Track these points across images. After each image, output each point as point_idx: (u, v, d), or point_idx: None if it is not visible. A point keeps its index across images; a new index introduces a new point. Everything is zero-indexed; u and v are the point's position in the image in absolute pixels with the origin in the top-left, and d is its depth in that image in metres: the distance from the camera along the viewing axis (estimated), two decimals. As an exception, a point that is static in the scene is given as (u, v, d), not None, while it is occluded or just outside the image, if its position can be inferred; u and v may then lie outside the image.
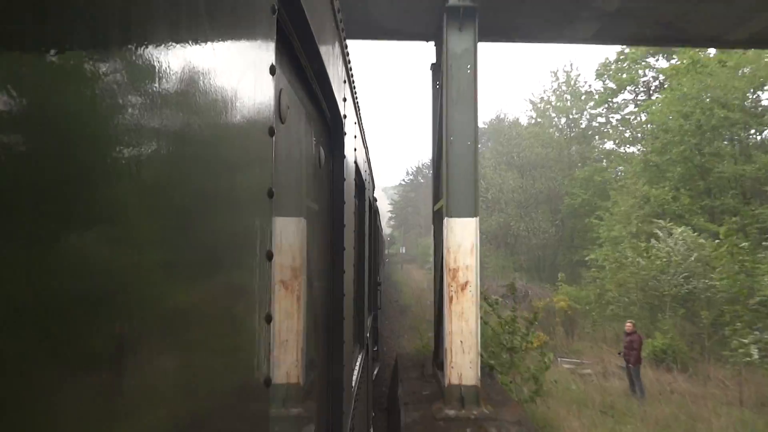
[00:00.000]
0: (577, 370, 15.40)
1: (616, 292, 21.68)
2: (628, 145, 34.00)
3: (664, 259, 19.43)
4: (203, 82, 0.66)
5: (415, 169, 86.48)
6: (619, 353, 14.19)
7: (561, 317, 21.98)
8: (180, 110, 0.60)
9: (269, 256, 0.98)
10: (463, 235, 8.08)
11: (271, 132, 1.00)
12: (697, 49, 22.98)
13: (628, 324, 14.21)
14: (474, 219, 8.19)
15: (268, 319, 0.96)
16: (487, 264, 34.21)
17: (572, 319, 22.34)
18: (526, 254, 37.19)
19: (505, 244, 39.20)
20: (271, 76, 1.01)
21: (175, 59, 0.57)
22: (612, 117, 36.12)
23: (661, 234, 20.38)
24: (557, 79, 39.20)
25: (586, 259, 27.66)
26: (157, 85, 0.53)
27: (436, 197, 10.27)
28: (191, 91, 0.62)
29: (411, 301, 30.64)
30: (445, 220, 8.26)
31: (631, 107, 34.75)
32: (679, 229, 20.05)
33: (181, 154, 0.61)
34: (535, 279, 33.22)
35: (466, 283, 8.04)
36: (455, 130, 8.43)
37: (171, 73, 0.56)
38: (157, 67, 0.53)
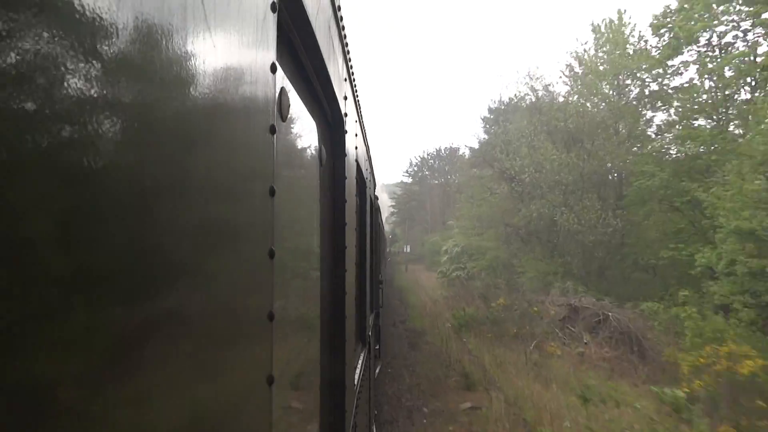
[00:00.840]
0: None
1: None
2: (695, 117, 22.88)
3: None
4: (204, 80, 0.66)
5: (419, 159, 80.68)
6: None
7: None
8: (181, 109, 0.60)
9: (271, 254, 0.98)
10: None
11: (272, 130, 1.00)
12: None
13: None
14: None
15: (271, 316, 0.96)
16: (521, 267, 26.74)
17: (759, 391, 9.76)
18: (580, 255, 24.88)
19: (543, 242, 27.66)
20: (272, 74, 1.01)
21: (175, 58, 0.57)
22: (667, 84, 25.22)
23: None
24: (602, 34, 28.29)
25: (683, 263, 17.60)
26: (157, 83, 0.53)
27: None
28: (192, 90, 0.62)
29: (424, 322, 20.33)
30: None
31: (692, 72, 23.80)
32: None
33: (182, 152, 0.61)
34: (590, 289, 21.59)
35: None
36: None
37: (171, 71, 0.56)
38: (157, 66, 0.53)
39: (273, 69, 1.01)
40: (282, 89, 1.19)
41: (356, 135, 3.14)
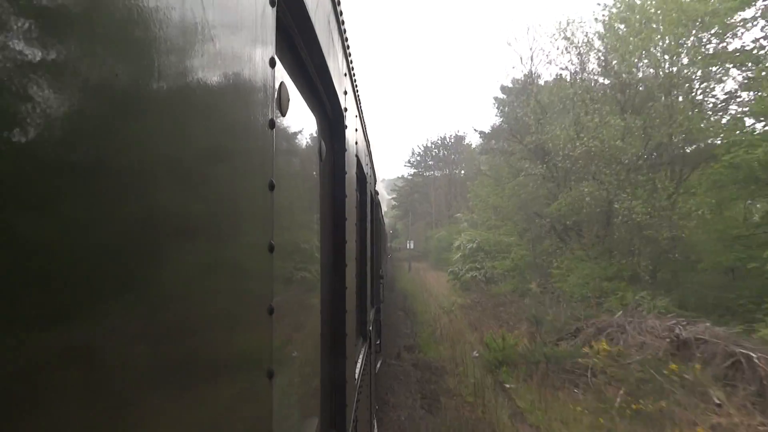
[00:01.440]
0: None
1: None
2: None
3: None
4: (203, 74, 0.66)
5: (422, 148, 73.75)
6: None
7: None
8: (180, 103, 0.60)
9: (271, 249, 0.98)
10: None
11: (272, 125, 1.00)
12: None
13: None
14: None
15: (271, 311, 0.97)
16: (559, 269, 20.79)
17: None
18: (648, 255, 18.45)
19: (591, 237, 21.14)
20: (271, 69, 1.01)
21: (173, 52, 0.57)
22: (727, 44, 18.64)
23: None
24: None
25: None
26: (156, 78, 0.53)
27: None
28: (191, 85, 0.62)
29: (440, 350, 13.95)
30: None
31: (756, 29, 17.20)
32: None
33: (182, 147, 0.61)
34: (670, 304, 14.81)
35: None
36: None
37: (169, 66, 0.56)
38: (155, 60, 0.53)
39: (272, 63, 1.01)
40: (281, 84, 1.19)
41: (356, 130, 3.13)
